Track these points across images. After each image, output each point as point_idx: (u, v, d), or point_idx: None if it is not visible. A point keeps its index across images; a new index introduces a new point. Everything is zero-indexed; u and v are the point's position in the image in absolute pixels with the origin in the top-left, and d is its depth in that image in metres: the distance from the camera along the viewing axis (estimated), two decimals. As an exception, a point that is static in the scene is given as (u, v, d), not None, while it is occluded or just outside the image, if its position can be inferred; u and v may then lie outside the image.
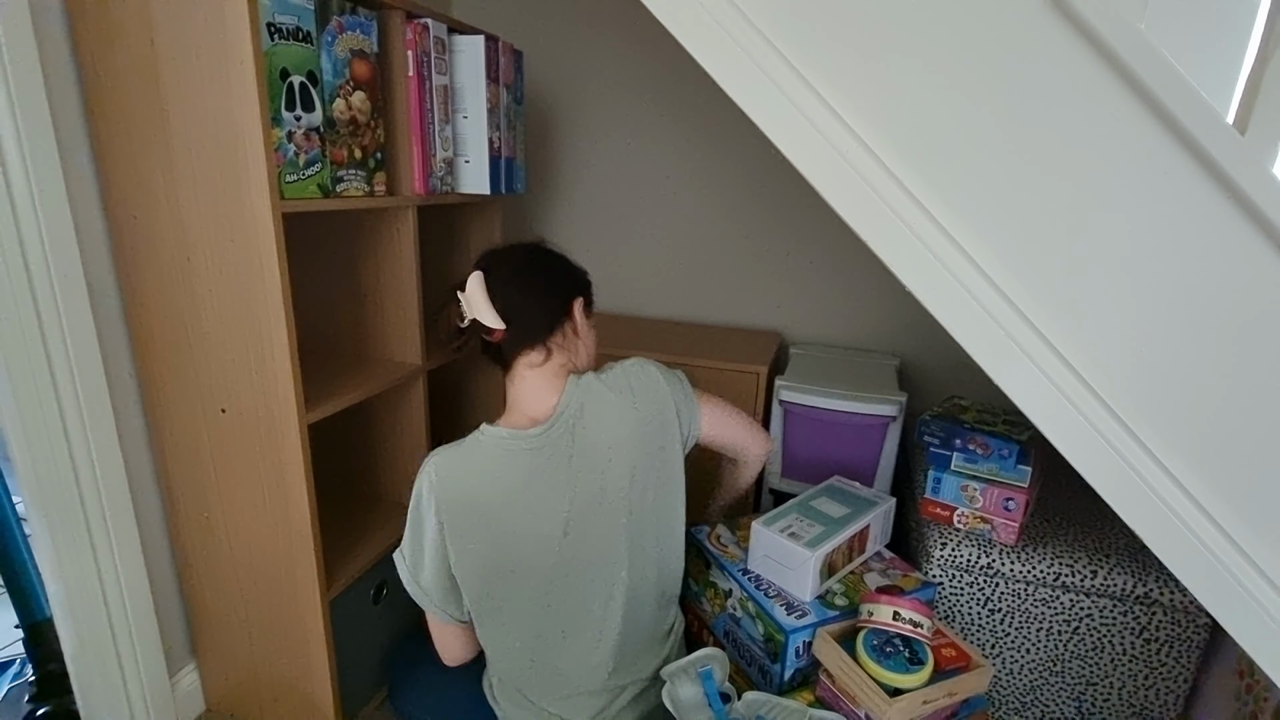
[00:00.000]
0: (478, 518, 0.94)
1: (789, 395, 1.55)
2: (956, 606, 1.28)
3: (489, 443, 0.96)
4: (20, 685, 1.39)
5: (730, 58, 0.85)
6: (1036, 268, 0.84)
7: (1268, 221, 0.75)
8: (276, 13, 0.95)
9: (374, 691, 1.37)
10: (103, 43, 0.99)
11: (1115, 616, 1.21)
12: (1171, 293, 0.81)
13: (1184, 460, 0.84)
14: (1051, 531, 1.30)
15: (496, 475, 0.95)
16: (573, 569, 0.99)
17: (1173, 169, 0.77)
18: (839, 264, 1.82)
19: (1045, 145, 0.81)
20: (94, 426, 1.11)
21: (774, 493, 1.64)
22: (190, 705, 1.35)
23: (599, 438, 0.97)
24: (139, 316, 1.12)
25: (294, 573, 1.16)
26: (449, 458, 0.95)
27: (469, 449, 0.96)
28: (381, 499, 1.47)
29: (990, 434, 1.25)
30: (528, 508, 0.96)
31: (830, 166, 0.86)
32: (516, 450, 0.95)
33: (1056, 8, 0.75)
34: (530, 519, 0.96)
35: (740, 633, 1.19)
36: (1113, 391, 0.84)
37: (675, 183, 1.89)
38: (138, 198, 1.04)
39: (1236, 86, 1.26)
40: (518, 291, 0.98)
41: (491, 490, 0.95)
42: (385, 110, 1.19)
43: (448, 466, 0.94)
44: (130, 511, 1.19)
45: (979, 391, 1.37)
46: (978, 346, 0.87)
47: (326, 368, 1.31)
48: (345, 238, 1.34)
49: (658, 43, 1.73)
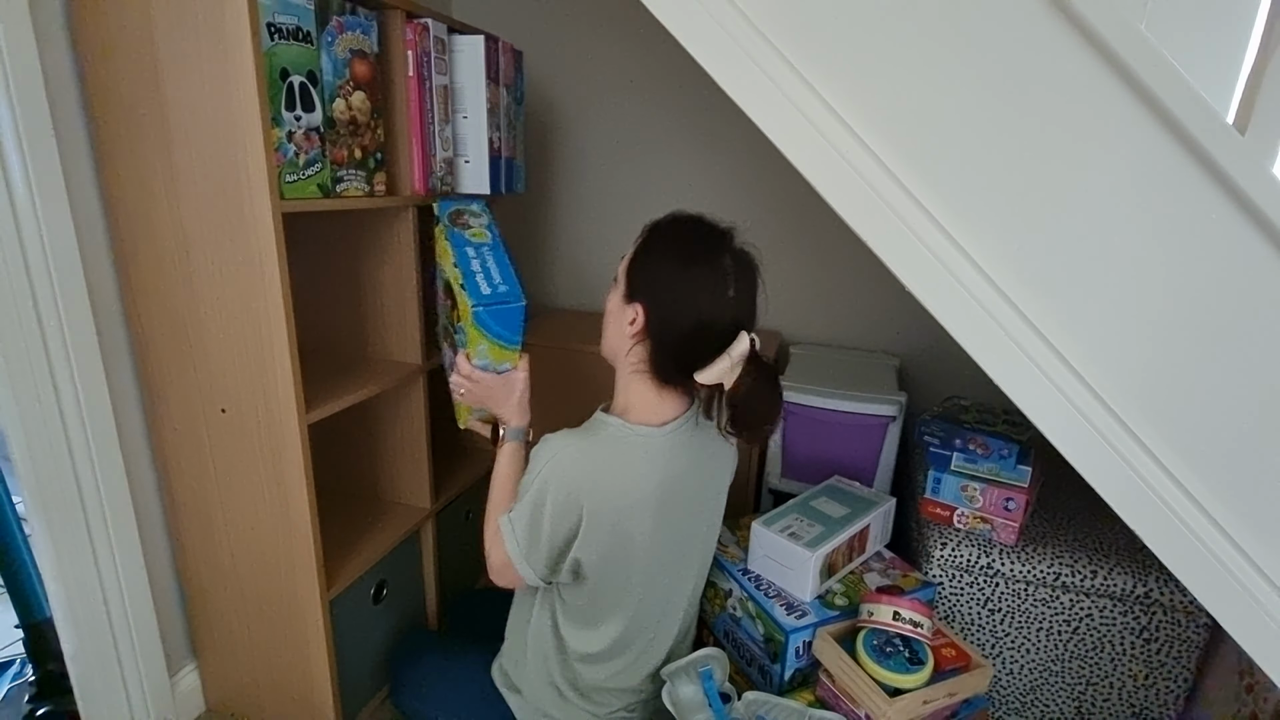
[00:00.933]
0: (622, 512, 0.90)
1: (789, 395, 1.55)
2: (956, 606, 1.28)
3: (635, 439, 0.92)
4: (20, 685, 1.39)
5: (730, 58, 0.85)
6: (1035, 267, 0.84)
7: (1268, 221, 0.75)
8: (276, 13, 0.95)
9: (374, 691, 1.37)
10: (103, 43, 0.99)
11: (1115, 616, 1.21)
12: (1171, 292, 0.81)
13: (1184, 460, 0.84)
14: (1051, 531, 1.30)
15: (644, 471, 0.91)
16: (668, 570, 1.01)
17: (1173, 169, 0.77)
18: (839, 264, 1.81)
19: (1045, 145, 0.81)
20: (94, 426, 1.11)
21: (774, 493, 1.64)
22: (190, 705, 1.35)
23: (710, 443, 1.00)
24: (139, 316, 1.12)
25: (294, 573, 1.16)
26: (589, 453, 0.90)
27: (612, 443, 0.91)
28: (381, 499, 1.47)
29: (990, 434, 1.25)
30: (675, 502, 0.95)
31: (830, 166, 0.86)
32: (658, 446, 0.92)
33: (1057, 8, 0.76)
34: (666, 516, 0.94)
35: (740, 633, 1.19)
36: (1112, 391, 0.84)
37: (675, 182, 1.89)
38: (138, 198, 1.04)
39: (1236, 86, 1.26)
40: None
41: (642, 485, 0.91)
42: (385, 110, 1.19)
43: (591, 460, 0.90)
44: (130, 511, 1.19)
45: (979, 391, 1.37)
46: (978, 347, 0.87)
47: (326, 368, 1.31)
48: (345, 238, 1.34)
49: (658, 43, 1.73)
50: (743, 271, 0.91)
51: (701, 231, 0.93)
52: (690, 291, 0.89)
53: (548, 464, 0.90)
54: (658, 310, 0.90)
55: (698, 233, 0.93)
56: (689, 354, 0.89)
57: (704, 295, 0.88)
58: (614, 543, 0.92)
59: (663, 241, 0.94)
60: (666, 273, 0.91)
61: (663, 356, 0.92)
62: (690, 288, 0.89)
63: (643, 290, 0.92)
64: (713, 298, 0.88)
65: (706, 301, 0.88)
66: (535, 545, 0.92)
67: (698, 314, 0.89)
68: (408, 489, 1.45)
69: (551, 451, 0.91)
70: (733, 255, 0.90)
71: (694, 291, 0.89)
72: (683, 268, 0.90)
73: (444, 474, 1.52)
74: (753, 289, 0.93)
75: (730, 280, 0.89)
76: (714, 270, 0.89)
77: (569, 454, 0.90)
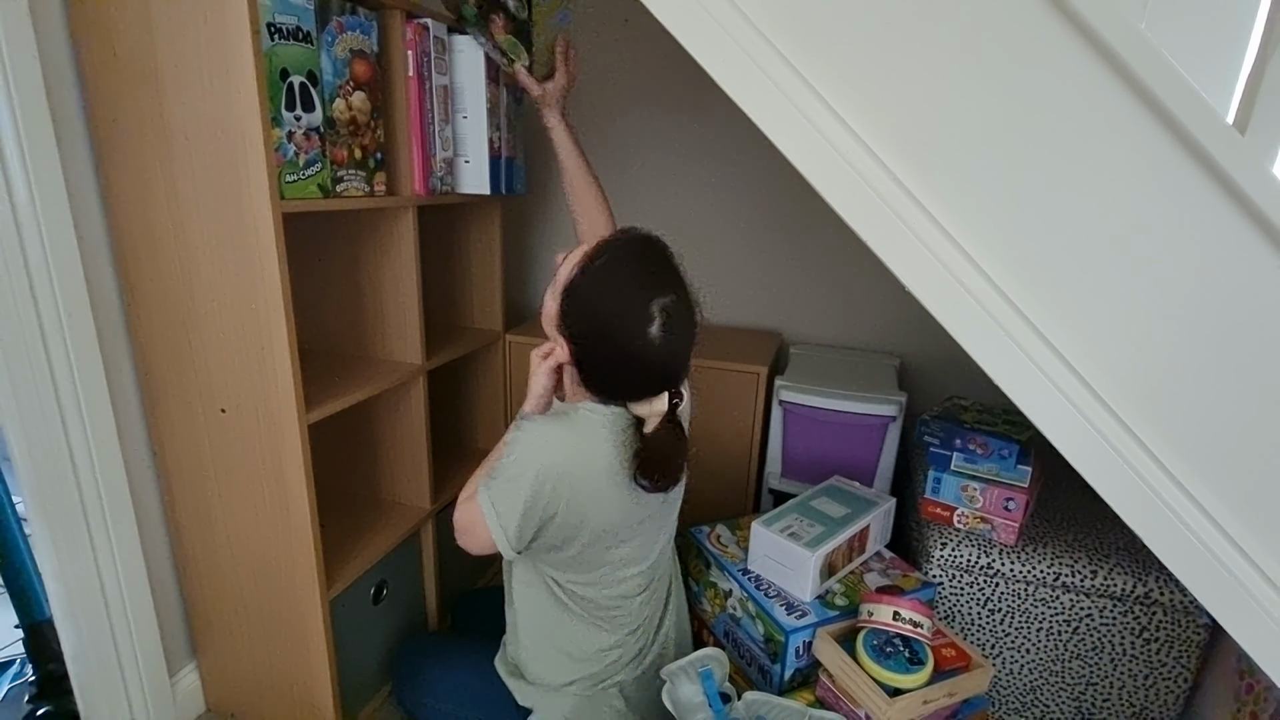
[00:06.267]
0: (593, 479, 0.93)
1: (789, 395, 1.55)
2: (956, 606, 1.28)
3: (602, 413, 0.95)
4: (20, 685, 1.39)
5: (730, 58, 0.85)
6: (1035, 267, 0.84)
7: (1268, 221, 0.75)
8: (276, 13, 0.95)
9: (374, 691, 1.37)
10: (103, 43, 0.99)
11: (1115, 616, 1.21)
12: (1171, 292, 0.81)
13: (1184, 460, 0.84)
14: (1051, 531, 1.30)
15: (606, 436, 0.94)
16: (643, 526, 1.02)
17: (1173, 169, 0.77)
18: (839, 264, 1.81)
19: (1045, 145, 0.81)
20: (94, 426, 1.11)
21: (774, 493, 1.64)
22: (190, 705, 1.35)
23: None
24: (139, 316, 1.12)
25: (294, 573, 1.16)
26: (566, 437, 0.93)
27: (584, 423, 0.95)
28: (381, 499, 1.47)
29: (990, 434, 1.25)
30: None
31: (830, 166, 0.86)
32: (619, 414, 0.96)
33: (1057, 8, 0.75)
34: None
35: (740, 633, 1.19)
36: (1112, 391, 0.84)
37: (675, 182, 1.89)
38: (138, 198, 1.04)
39: (1236, 86, 1.26)
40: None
41: (609, 453, 0.94)
42: (385, 110, 1.19)
43: (569, 442, 0.93)
44: (130, 511, 1.19)
45: (979, 391, 1.37)
46: (978, 346, 0.87)
47: (326, 368, 1.31)
48: (345, 238, 1.34)
49: (657, 43, 1.73)
50: (675, 323, 0.90)
51: (638, 277, 0.92)
52: (616, 343, 0.90)
53: (531, 450, 0.92)
54: (583, 352, 0.93)
55: (633, 279, 0.92)
56: (616, 390, 0.95)
57: (632, 344, 0.89)
58: (589, 510, 0.94)
59: (594, 285, 0.92)
60: (592, 318, 0.92)
61: (591, 386, 0.95)
62: (617, 340, 0.90)
63: (570, 327, 0.93)
64: (641, 346, 0.89)
65: (634, 350, 0.89)
66: (514, 518, 0.92)
67: (625, 362, 0.91)
68: (408, 489, 1.45)
69: (534, 438, 0.93)
70: (666, 305, 0.90)
71: (621, 342, 0.90)
72: (612, 318, 0.90)
73: (444, 474, 1.52)
74: (687, 340, 0.93)
75: (660, 327, 0.89)
76: (642, 321, 0.88)
77: (550, 439, 0.92)
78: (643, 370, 0.92)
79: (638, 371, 0.92)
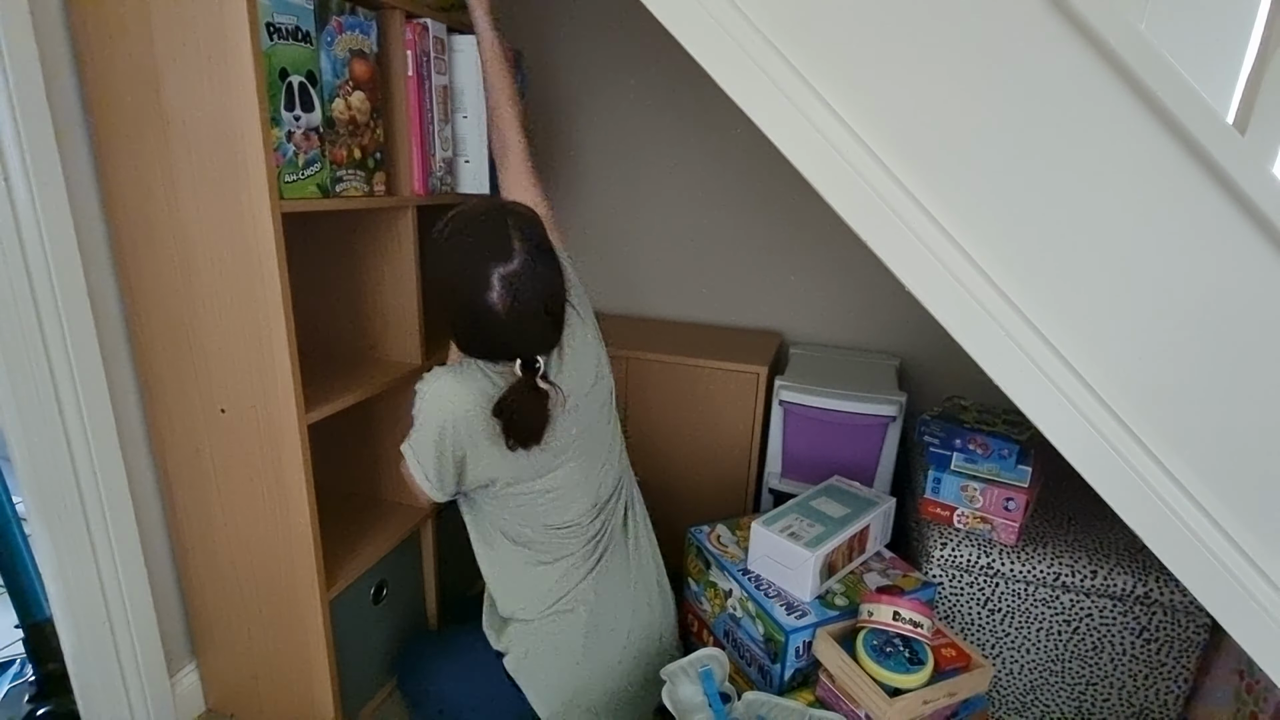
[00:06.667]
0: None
1: (789, 395, 1.55)
2: (956, 606, 1.28)
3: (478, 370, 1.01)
4: (20, 685, 1.39)
5: (730, 58, 0.85)
6: (1035, 267, 0.84)
7: (1268, 221, 0.75)
8: (276, 13, 0.95)
9: (374, 691, 1.37)
10: (103, 43, 0.99)
11: (1115, 616, 1.21)
12: (1171, 293, 0.81)
13: (1184, 460, 0.84)
14: (1051, 531, 1.29)
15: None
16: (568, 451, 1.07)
17: (1173, 169, 0.77)
18: (839, 264, 1.81)
19: (1045, 145, 0.81)
20: (94, 426, 1.11)
21: (774, 493, 1.64)
22: (190, 705, 1.35)
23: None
24: (139, 316, 1.12)
25: (294, 573, 1.16)
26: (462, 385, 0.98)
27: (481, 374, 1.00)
28: (381, 499, 1.47)
29: (990, 434, 1.25)
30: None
31: (830, 166, 0.86)
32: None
33: (1056, 8, 0.75)
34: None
35: (740, 633, 1.19)
36: (1112, 391, 0.84)
37: (676, 182, 1.89)
38: (138, 198, 1.04)
39: (1236, 86, 1.26)
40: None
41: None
42: (385, 110, 1.19)
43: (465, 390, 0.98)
44: (130, 511, 1.19)
45: (979, 391, 1.37)
46: (978, 346, 0.87)
47: (326, 368, 1.31)
48: (345, 238, 1.34)
49: (658, 43, 1.73)
50: (518, 291, 0.93)
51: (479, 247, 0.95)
52: (459, 307, 0.96)
53: (429, 400, 0.98)
54: (438, 312, 1.00)
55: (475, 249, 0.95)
56: (471, 350, 1.01)
57: (473, 308, 0.94)
58: (493, 449, 0.99)
59: (436, 250, 0.97)
60: (435, 282, 0.99)
61: (456, 344, 1.04)
62: (459, 303, 0.95)
63: (427, 289, 1.04)
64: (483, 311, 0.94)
65: (476, 314, 0.94)
66: (431, 462, 1.00)
67: (470, 326, 0.96)
68: (408, 489, 1.45)
69: (430, 388, 0.98)
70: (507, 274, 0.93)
71: (461, 306, 0.95)
72: (452, 282, 0.95)
73: (444, 474, 1.52)
74: (535, 308, 0.96)
75: (500, 295, 0.93)
76: (481, 287, 0.93)
77: (443, 390, 0.98)
78: (490, 336, 0.97)
79: (486, 336, 0.97)
